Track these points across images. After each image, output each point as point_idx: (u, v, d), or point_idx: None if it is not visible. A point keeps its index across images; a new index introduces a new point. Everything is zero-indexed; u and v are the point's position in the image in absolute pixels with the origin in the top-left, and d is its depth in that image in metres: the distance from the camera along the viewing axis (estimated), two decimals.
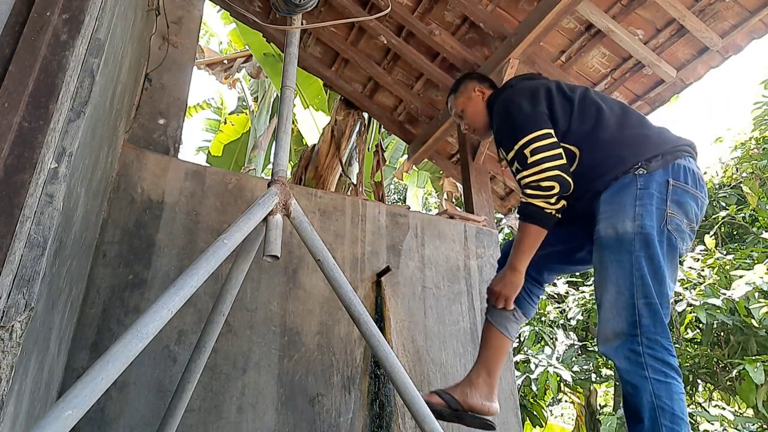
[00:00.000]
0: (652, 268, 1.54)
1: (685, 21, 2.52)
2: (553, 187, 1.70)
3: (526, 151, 1.75)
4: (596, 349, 7.24)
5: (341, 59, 3.37)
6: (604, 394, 9.91)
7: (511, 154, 1.81)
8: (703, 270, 6.01)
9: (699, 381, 6.70)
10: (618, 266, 1.58)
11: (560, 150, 1.74)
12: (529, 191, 1.73)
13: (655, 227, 1.57)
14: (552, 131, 1.77)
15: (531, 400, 6.54)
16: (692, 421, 6.29)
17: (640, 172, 1.66)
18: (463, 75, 2.29)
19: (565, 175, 1.71)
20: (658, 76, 2.75)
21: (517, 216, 1.81)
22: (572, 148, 1.78)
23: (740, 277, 5.44)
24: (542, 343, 6.77)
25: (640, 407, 1.44)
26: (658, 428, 1.40)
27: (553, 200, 1.71)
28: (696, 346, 6.68)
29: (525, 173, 1.74)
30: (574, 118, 1.82)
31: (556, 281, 7.20)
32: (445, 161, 3.79)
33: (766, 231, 6.61)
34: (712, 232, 6.88)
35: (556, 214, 1.73)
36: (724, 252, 6.60)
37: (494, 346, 1.94)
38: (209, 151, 8.29)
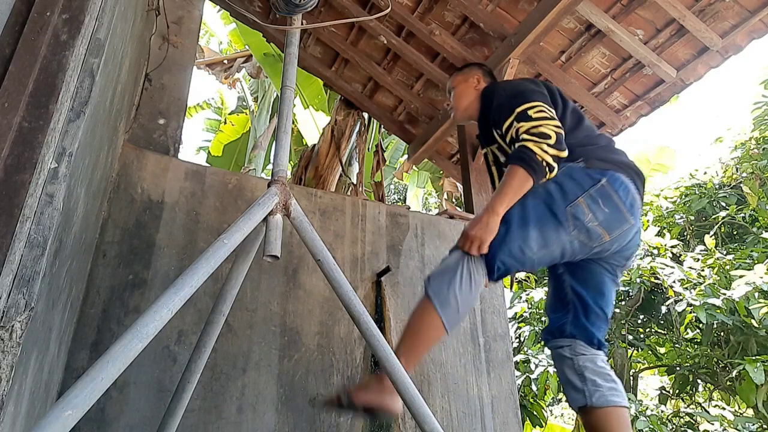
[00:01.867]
0: (532, 216, 1.70)
1: (685, 21, 2.52)
2: (549, 136, 1.72)
3: (530, 112, 1.79)
4: None
5: (341, 59, 3.37)
6: None
7: (510, 119, 1.83)
8: (703, 270, 6.01)
9: (699, 381, 6.71)
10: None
11: (559, 127, 1.79)
12: (525, 136, 1.75)
13: (556, 197, 1.71)
14: (551, 110, 1.83)
15: (531, 400, 6.54)
16: (692, 421, 6.29)
17: (580, 164, 1.77)
18: (475, 63, 2.34)
19: (562, 133, 1.76)
20: (658, 76, 2.75)
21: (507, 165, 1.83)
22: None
23: (740, 277, 5.44)
24: (542, 343, 6.76)
25: None
26: None
27: (545, 147, 1.71)
28: (696, 346, 6.68)
29: (525, 124, 1.77)
30: (566, 119, 1.88)
31: None
32: (445, 161, 3.79)
33: (766, 231, 6.61)
34: (712, 232, 6.88)
35: (546, 167, 1.72)
36: (724, 252, 6.60)
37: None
38: (209, 151, 8.29)
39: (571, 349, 1.84)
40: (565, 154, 1.74)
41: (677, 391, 6.84)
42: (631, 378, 7.37)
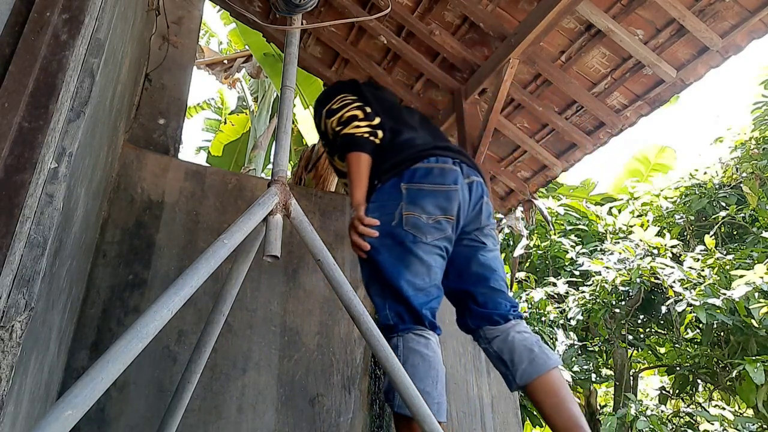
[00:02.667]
0: (387, 267, 1.71)
1: (685, 21, 2.52)
2: (355, 116, 1.87)
3: (333, 106, 1.95)
4: (596, 349, 7.25)
5: (341, 59, 3.37)
6: (604, 394, 9.91)
7: (322, 121, 2.01)
8: (703, 270, 6.01)
9: (699, 381, 6.71)
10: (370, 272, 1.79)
11: (359, 104, 1.92)
12: (338, 128, 1.90)
13: (387, 231, 1.74)
14: (353, 96, 1.97)
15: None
16: (692, 421, 6.29)
17: (377, 186, 1.84)
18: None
19: (365, 107, 1.89)
20: (658, 76, 2.75)
21: (339, 165, 1.98)
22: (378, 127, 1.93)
23: (740, 277, 5.44)
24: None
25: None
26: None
27: (356, 123, 1.85)
28: (696, 346, 6.68)
29: (333, 118, 1.93)
30: (376, 106, 1.98)
31: (555, 281, 7.20)
32: None
33: (766, 231, 6.61)
34: (712, 232, 6.88)
35: (369, 137, 1.84)
36: (724, 252, 6.59)
37: None
38: (209, 151, 8.30)
39: (483, 338, 1.78)
40: (377, 121, 1.87)
41: (677, 391, 6.84)
42: (631, 378, 7.37)
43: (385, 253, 1.73)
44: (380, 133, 1.87)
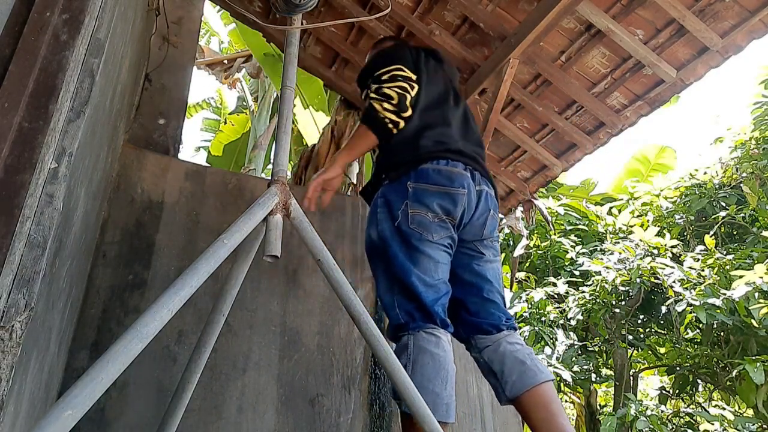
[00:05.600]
0: (396, 264, 1.70)
1: (685, 21, 2.52)
2: (391, 97, 1.82)
3: (384, 76, 1.89)
4: (596, 349, 7.25)
5: (341, 59, 3.37)
6: (604, 394, 9.91)
7: (368, 81, 1.96)
8: (703, 270, 6.01)
9: (699, 381, 6.71)
10: (378, 270, 1.79)
11: (414, 85, 1.87)
12: (372, 95, 1.87)
13: (394, 228, 1.73)
14: (406, 74, 1.90)
15: None
16: (692, 421, 6.29)
17: (385, 183, 1.84)
18: (388, 36, 2.50)
19: (407, 96, 1.84)
20: (658, 76, 2.75)
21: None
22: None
23: (740, 277, 5.44)
24: (542, 343, 6.77)
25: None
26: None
27: (387, 105, 1.81)
28: (696, 346, 6.68)
29: (374, 86, 1.89)
30: (422, 91, 1.93)
31: (555, 281, 7.20)
32: None
33: (766, 231, 6.61)
34: (712, 232, 6.88)
35: (388, 123, 1.81)
36: (724, 252, 6.59)
37: None
38: (209, 151, 8.30)
39: (474, 348, 1.76)
40: (407, 114, 1.83)
41: (677, 391, 6.84)
42: (631, 378, 7.37)
43: (393, 251, 1.71)
44: (402, 124, 1.83)
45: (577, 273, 7.47)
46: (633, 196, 7.97)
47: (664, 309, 6.25)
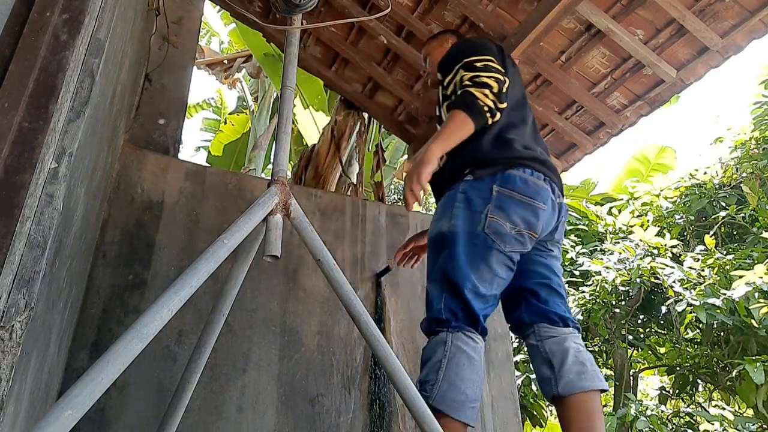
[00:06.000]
0: (454, 263, 1.65)
1: (685, 21, 2.52)
2: (491, 86, 1.74)
3: (477, 63, 1.81)
4: (596, 349, 7.25)
5: (341, 59, 3.37)
6: (604, 394, 9.90)
7: (457, 66, 1.86)
8: (703, 270, 6.01)
9: (699, 381, 6.71)
10: (435, 262, 1.72)
11: (506, 78, 1.80)
12: (467, 82, 1.77)
13: (467, 229, 1.67)
14: (499, 67, 1.83)
15: (531, 400, 6.54)
16: (692, 421, 6.29)
17: (468, 178, 1.75)
18: (448, 29, 2.41)
19: (504, 86, 1.76)
20: (658, 76, 2.75)
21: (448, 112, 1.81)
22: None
23: (740, 277, 5.44)
24: None
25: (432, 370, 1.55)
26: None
27: (487, 92, 1.72)
28: (696, 346, 6.68)
29: (468, 73, 1.79)
30: (510, 89, 1.87)
31: None
32: None
33: (766, 231, 6.61)
34: (712, 232, 6.88)
35: (487, 111, 1.72)
36: (724, 252, 6.59)
37: None
38: (209, 151, 8.30)
39: (536, 334, 1.74)
40: (504, 105, 1.76)
41: (677, 391, 6.84)
42: (631, 378, 7.37)
43: (457, 251, 1.66)
44: (498, 116, 1.76)
45: (577, 273, 7.46)
46: (633, 196, 7.97)
47: (664, 309, 6.25)
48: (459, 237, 1.67)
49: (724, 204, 7.08)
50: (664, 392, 7.19)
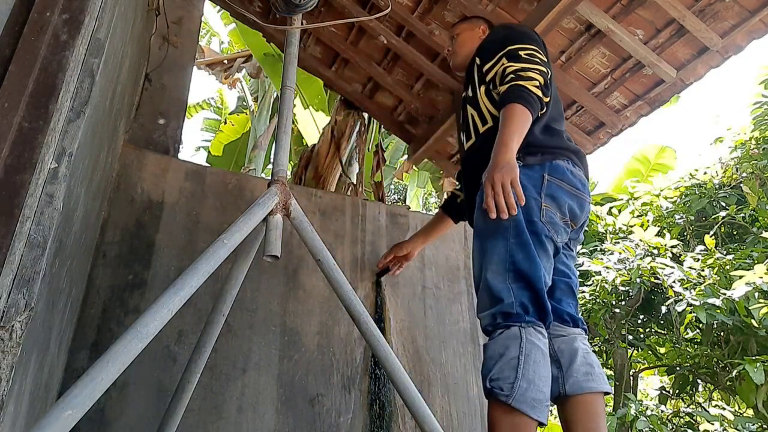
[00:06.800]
0: (523, 253, 1.58)
1: (685, 21, 2.52)
2: (536, 79, 1.71)
3: (522, 53, 1.77)
4: (596, 350, 7.24)
5: (341, 59, 3.37)
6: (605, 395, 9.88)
7: (500, 54, 1.82)
8: (703, 270, 6.00)
9: (699, 381, 6.70)
10: (493, 251, 1.63)
11: (550, 71, 1.78)
12: (511, 76, 1.73)
13: (527, 217, 1.61)
14: (545, 60, 1.81)
15: None
16: (692, 421, 6.29)
17: (519, 164, 1.66)
18: (483, 16, 2.40)
19: (548, 79, 1.75)
20: (658, 76, 2.75)
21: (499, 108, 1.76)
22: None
23: (740, 277, 5.44)
24: None
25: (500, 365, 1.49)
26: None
27: (537, 84, 1.70)
28: (696, 346, 6.67)
29: (514, 64, 1.75)
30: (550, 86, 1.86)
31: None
32: (445, 161, 3.78)
33: (766, 231, 6.61)
34: (712, 232, 6.88)
35: (538, 102, 1.70)
36: (724, 252, 6.59)
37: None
38: (209, 151, 8.29)
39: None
40: (548, 99, 1.75)
41: (677, 391, 6.84)
42: (631, 378, 7.37)
43: (526, 239, 1.59)
44: (544, 109, 1.75)
45: (577, 273, 7.45)
46: (633, 196, 7.96)
47: (664, 309, 6.25)
48: (521, 224, 1.60)
49: (724, 204, 7.08)
50: (664, 392, 7.19)
